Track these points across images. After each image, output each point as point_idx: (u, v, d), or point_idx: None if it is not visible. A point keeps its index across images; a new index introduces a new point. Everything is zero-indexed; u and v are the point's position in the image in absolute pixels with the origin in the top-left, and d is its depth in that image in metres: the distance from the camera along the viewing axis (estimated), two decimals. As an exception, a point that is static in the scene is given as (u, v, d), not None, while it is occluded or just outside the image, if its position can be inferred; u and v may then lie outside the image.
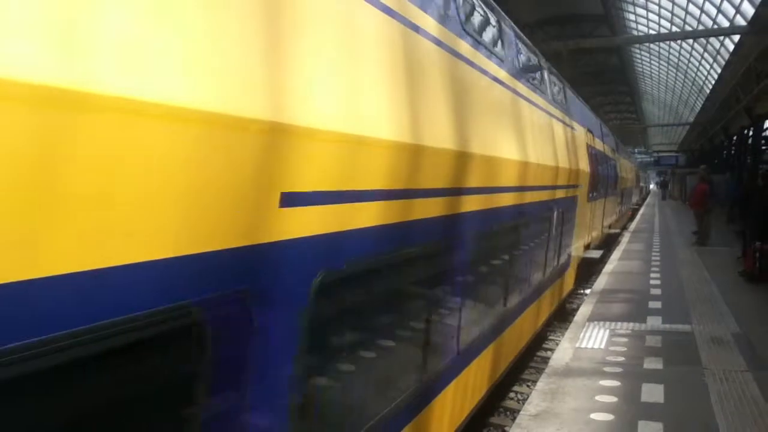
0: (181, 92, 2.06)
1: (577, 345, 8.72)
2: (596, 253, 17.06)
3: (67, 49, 1.73)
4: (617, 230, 27.04)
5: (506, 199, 6.47)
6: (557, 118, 10.00)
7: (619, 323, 9.89)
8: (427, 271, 4.67)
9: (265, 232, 2.55)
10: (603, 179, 18.01)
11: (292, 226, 2.72)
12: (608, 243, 22.94)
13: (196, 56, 2.18)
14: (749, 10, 24.29)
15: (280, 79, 2.64)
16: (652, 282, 13.58)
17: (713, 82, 37.13)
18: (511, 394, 9.75)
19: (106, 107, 1.80)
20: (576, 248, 13.80)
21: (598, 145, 17.15)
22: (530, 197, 7.72)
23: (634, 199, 49.00)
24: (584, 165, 12.78)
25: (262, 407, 2.70)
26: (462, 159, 4.77)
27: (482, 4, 6.64)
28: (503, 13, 7.41)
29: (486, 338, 6.49)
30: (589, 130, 14.97)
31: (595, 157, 15.39)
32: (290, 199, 2.66)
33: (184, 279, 2.17)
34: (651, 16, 38.63)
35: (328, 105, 2.99)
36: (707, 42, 34.84)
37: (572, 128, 11.68)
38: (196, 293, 2.22)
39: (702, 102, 44.61)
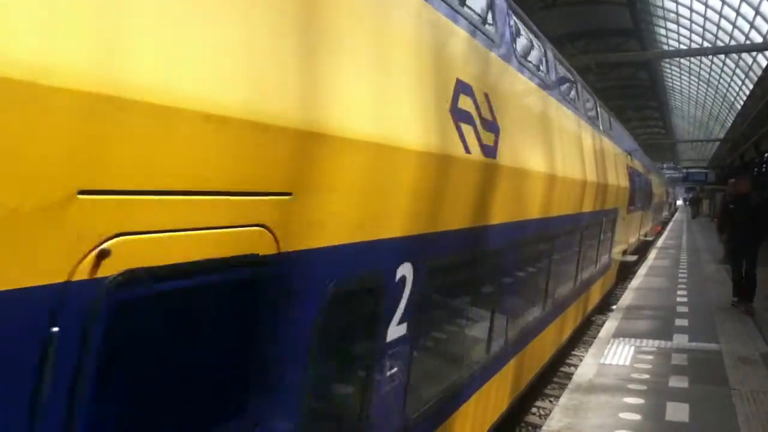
0: None
1: (602, 361, 8.62)
2: None
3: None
4: None
5: None
6: None
7: (645, 340, 9.75)
8: None
9: None
10: None
11: None
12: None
13: None
14: (783, 25, 23.98)
15: None
16: (678, 299, 13.38)
17: (744, 98, 36.63)
18: (534, 410, 9.66)
19: None
20: None
21: None
22: None
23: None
24: None
25: None
26: None
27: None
28: None
29: None
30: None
31: None
32: None
33: None
34: (682, 30, 38.28)
35: None
36: (739, 57, 34.44)
37: None
38: None
39: (733, 118, 44.02)
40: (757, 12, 27.42)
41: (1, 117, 1.53)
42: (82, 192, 1.75)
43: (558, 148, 7.74)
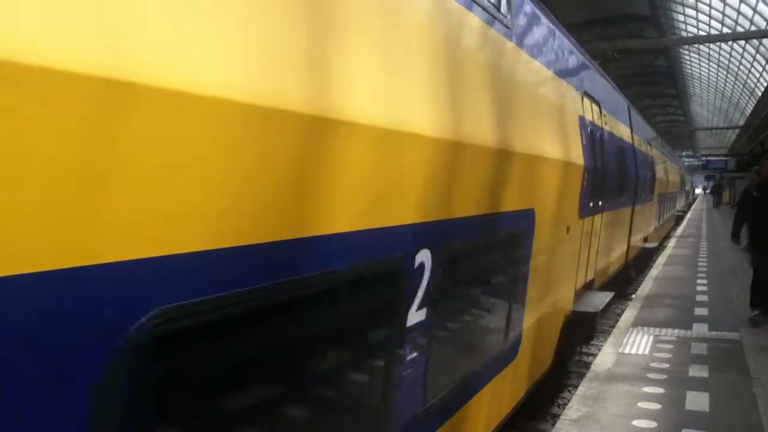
0: None
1: (620, 350, 8.57)
2: None
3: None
4: None
5: None
6: None
7: (664, 329, 9.67)
8: None
9: None
10: None
11: None
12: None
13: None
14: (805, 9, 23.56)
15: None
16: (698, 288, 13.26)
17: (765, 84, 36.12)
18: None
19: None
20: None
21: None
22: None
23: None
24: None
25: None
26: None
27: None
28: None
29: None
30: None
31: None
32: None
33: None
34: (701, 16, 37.78)
35: None
36: (759, 43, 33.94)
37: None
38: None
39: (753, 105, 43.45)
40: (778, -4, 26.99)
41: None
42: None
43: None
